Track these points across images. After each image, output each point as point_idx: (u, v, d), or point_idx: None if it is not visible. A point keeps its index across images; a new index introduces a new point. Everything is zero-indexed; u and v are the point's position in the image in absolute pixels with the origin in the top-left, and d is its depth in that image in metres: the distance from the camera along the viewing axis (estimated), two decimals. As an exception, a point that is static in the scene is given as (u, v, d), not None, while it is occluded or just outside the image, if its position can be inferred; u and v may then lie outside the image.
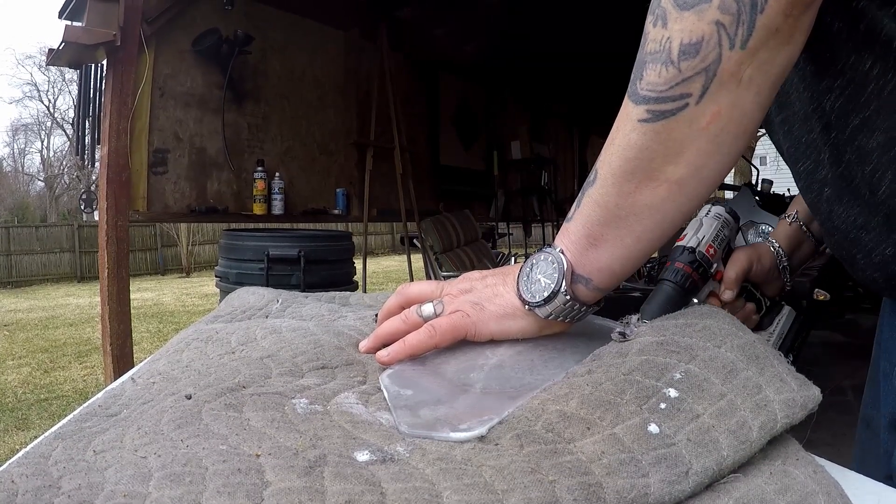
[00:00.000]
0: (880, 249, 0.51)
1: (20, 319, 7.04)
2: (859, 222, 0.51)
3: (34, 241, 11.83)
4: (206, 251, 13.08)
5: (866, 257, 0.53)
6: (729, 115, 0.39)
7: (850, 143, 0.48)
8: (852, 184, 0.49)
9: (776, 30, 0.37)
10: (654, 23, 0.40)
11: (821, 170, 0.53)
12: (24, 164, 25.48)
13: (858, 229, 0.52)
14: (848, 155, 0.49)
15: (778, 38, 0.37)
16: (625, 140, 0.41)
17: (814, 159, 0.53)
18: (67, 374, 4.44)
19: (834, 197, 0.52)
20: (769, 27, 0.37)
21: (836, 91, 0.47)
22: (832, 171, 0.51)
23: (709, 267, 0.58)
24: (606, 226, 0.44)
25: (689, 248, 0.58)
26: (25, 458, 0.33)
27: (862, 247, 0.52)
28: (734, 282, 0.61)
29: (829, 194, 0.53)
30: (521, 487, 0.30)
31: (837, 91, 0.47)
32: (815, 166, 0.54)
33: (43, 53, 19.73)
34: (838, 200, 0.52)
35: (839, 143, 0.49)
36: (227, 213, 3.34)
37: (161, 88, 3.02)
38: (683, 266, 0.56)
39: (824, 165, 0.52)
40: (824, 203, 0.54)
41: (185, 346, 0.53)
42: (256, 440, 0.34)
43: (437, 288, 0.52)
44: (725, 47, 0.37)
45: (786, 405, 0.37)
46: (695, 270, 0.56)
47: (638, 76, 0.41)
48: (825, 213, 0.55)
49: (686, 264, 0.56)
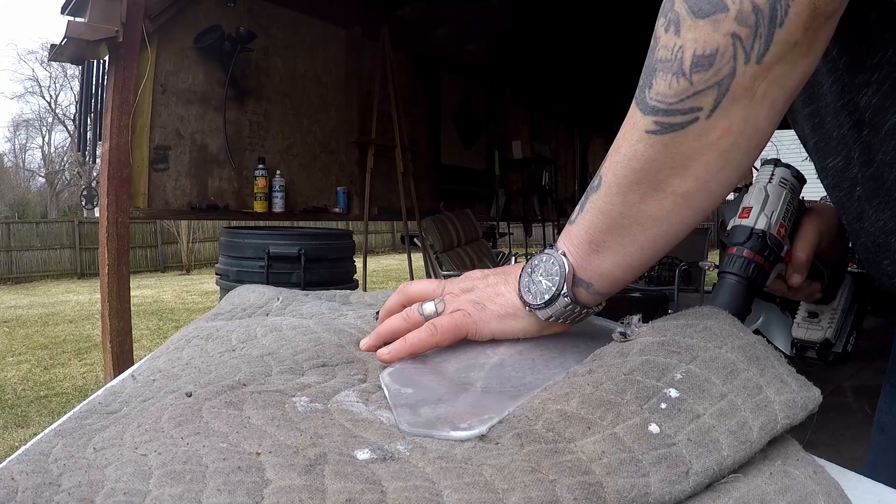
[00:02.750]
0: None
1: (20, 316, 7.05)
2: (889, 227, 0.49)
3: (34, 237, 11.82)
4: (206, 248, 13.08)
5: (894, 264, 0.50)
6: (740, 130, 0.38)
7: (885, 143, 0.45)
8: (884, 186, 0.47)
9: (795, 43, 0.35)
10: (665, 27, 0.38)
11: (851, 168, 0.50)
12: (25, 160, 25.50)
13: (888, 234, 0.49)
14: (881, 155, 0.46)
15: (796, 52, 0.36)
16: (631, 150, 0.40)
17: (844, 156, 0.50)
18: (67, 371, 4.44)
19: (865, 197, 0.50)
20: (788, 41, 0.35)
21: (873, 86, 0.44)
22: (862, 171, 0.49)
23: (779, 251, 0.49)
24: (609, 233, 0.43)
25: (759, 231, 0.48)
26: (25, 456, 0.33)
27: (891, 252, 0.50)
28: (805, 265, 0.54)
29: (860, 194, 0.50)
30: (522, 486, 0.30)
31: (875, 86, 0.44)
32: (845, 164, 0.51)
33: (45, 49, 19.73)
34: (868, 202, 0.50)
35: (872, 143, 0.46)
36: (228, 211, 3.34)
37: (163, 85, 3.02)
38: (752, 255, 0.47)
39: (855, 164, 0.49)
40: (855, 203, 0.51)
41: (186, 343, 0.53)
42: (257, 438, 0.34)
43: (438, 287, 0.52)
44: (740, 61, 0.35)
45: (786, 406, 0.37)
46: (765, 259, 0.48)
47: (647, 83, 0.39)
48: (855, 213, 0.52)
49: (756, 252, 0.47)
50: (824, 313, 0.65)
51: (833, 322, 0.64)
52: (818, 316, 0.65)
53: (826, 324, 0.65)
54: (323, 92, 3.87)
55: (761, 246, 0.48)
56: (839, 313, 0.65)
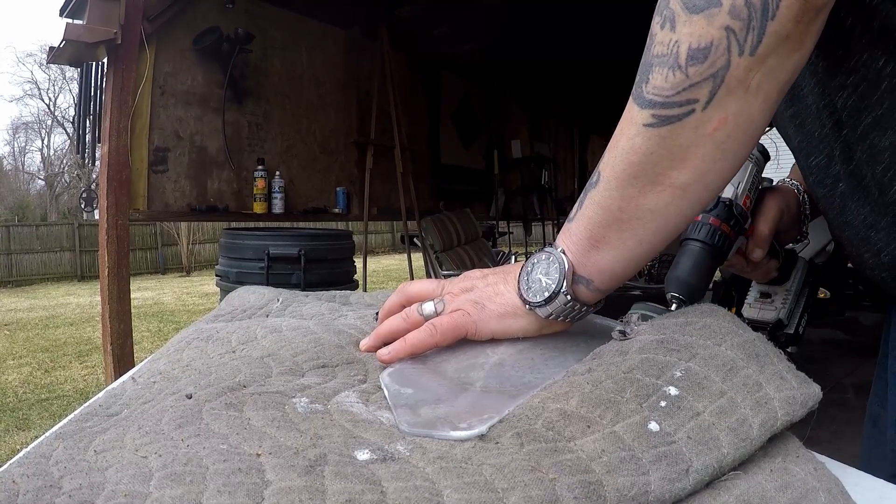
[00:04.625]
0: (889, 249, 0.50)
1: (20, 319, 7.05)
2: (869, 221, 0.51)
3: (34, 239, 11.82)
4: (206, 250, 13.08)
5: (875, 256, 0.52)
6: (735, 121, 0.39)
7: (861, 142, 0.47)
8: (862, 182, 0.49)
9: (787, 36, 0.36)
10: (661, 24, 0.39)
11: (834, 165, 0.52)
12: (25, 163, 25.51)
13: (868, 228, 0.51)
14: (859, 154, 0.48)
15: (788, 45, 0.37)
16: (629, 144, 0.41)
17: (826, 154, 0.52)
18: (68, 374, 4.45)
19: (847, 193, 0.52)
20: (780, 34, 0.36)
21: (849, 88, 0.46)
22: (844, 167, 0.50)
23: (744, 222, 0.50)
24: (608, 228, 0.44)
25: (726, 200, 0.49)
26: (26, 459, 0.33)
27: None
28: (767, 239, 0.56)
29: (843, 189, 0.52)
30: (522, 486, 0.30)
31: (850, 88, 0.46)
32: (827, 161, 0.52)
33: (44, 51, 19.70)
34: (851, 196, 0.51)
35: (850, 141, 0.48)
36: (228, 212, 3.34)
37: (162, 87, 3.02)
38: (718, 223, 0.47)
39: (837, 161, 0.51)
40: (838, 198, 0.53)
41: (186, 345, 0.53)
42: (257, 439, 0.34)
43: (437, 286, 0.52)
44: (735, 53, 0.36)
45: (786, 403, 0.37)
46: (731, 228, 0.48)
47: (644, 79, 0.40)
48: (838, 209, 0.54)
49: (722, 220, 0.47)
50: (777, 294, 0.65)
51: (786, 303, 0.65)
52: (771, 297, 0.66)
53: (779, 304, 0.65)
54: (322, 92, 3.87)
55: (728, 214, 0.48)
56: (792, 294, 0.65)
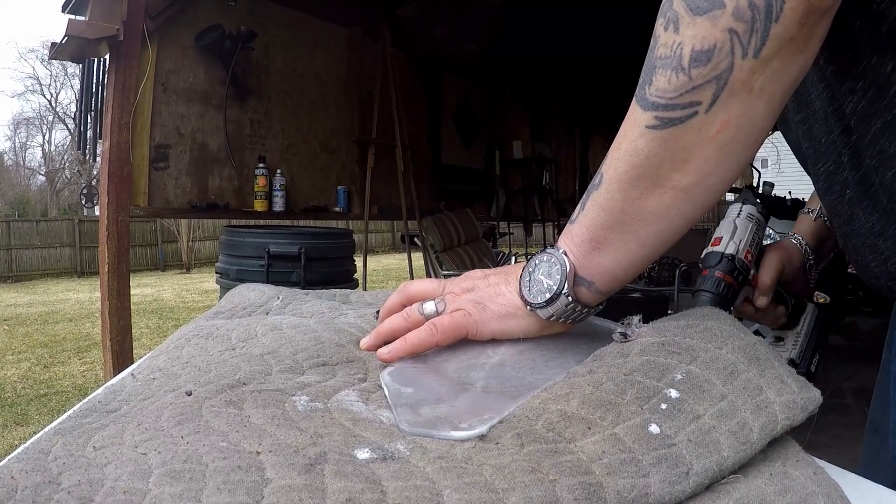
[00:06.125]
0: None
1: (20, 314, 7.05)
2: (877, 229, 0.50)
3: (34, 235, 11.81)
4: (206, 247, 13.08)
5: (881, 265, 0.52)
6: (738, 124, 0.38)
7: (871, 147, 0.47)
8: (871, 189, 0.49)
9: (790, 39, 0.36)
10: (665, 26, 0.39)
11: (842, 171, 0.52)
12: (26, 159, 25.49)
13: (876, 236, 0.51)
14: (868, 160, 0.48)
15: (792, 48, 0.36)
16: (632, 146, 0.41)
17: (834, 160, 0.52)
18: (67, 370, 4.44)
19: (855, 200, 0.51)
20: (784, 36, 0.36)
21: (858, 93, 0.46)
22: (852, 174, 0.50)
23: (747, 273, 0.55)
24: (610, 230, 0.44)
25: (729, 255, 0.55)
26: (25, 454, 0.33)
27: (878, 254, 0.51)
28: (770, 288, 0.59)
29: (851, 196, 0.52)
30: (522, 486, 0.30)
31: (859, 93, 0.46)
32: (835, 167, 0.52)
33: (45, 47, 19.68)
34: (858, 204, 0.51)
35: (860, 147, 0.48)
36: (228, 210, 3.34)
37: (163, 84, 3.02)
38: (723, 275, 0.53)
39: (845, 167, 0.51)
40: (846, 205, 0.53)
41: (186, 342, 0.53)
42: (257, 437, 0.34)
43: (438, 286, 0.52)
44: (738, 56, 0.36)
45: (786, 407, 0.37)
46: (735, 279, 0.54)
47: (647, 81, 0.40)
48: (846, 216, 0.54)
49: (726, 273, 0.54)
50: (788, 337, 0.70)
51: (797, 344, 0.69)
52: (783, 340, 0.71)
53: (790, 345, 0.69)
54: (323, 91, 3.87)
55: (730, 268, 0.54)
56: (802, 336, 0.70)
